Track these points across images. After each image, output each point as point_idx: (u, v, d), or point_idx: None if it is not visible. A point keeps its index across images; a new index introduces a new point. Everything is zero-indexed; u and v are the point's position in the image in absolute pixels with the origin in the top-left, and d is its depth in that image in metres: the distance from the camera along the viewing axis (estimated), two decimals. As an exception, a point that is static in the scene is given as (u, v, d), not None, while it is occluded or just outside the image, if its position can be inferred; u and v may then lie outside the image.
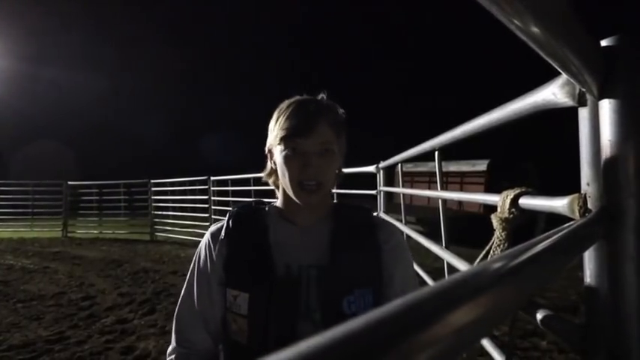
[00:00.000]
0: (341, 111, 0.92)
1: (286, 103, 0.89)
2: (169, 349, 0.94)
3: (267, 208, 0.95)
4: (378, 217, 0.98)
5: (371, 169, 3.55)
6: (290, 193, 0.87)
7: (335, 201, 0.99)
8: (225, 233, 0.91)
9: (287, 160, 0.85)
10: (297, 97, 0.89)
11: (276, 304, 0.83)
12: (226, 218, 0.94)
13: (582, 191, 0.52)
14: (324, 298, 0.84)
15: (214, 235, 0.93)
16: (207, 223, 8.11)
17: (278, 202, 0.95)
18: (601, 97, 0.46)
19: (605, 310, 0.47)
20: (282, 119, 0.85)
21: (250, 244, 0.89)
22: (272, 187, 0.99)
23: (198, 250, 0.95)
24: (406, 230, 2.42)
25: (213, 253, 0.91)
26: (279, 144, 0.86)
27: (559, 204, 0.54)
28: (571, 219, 0.52)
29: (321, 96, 0.90)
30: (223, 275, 0.89)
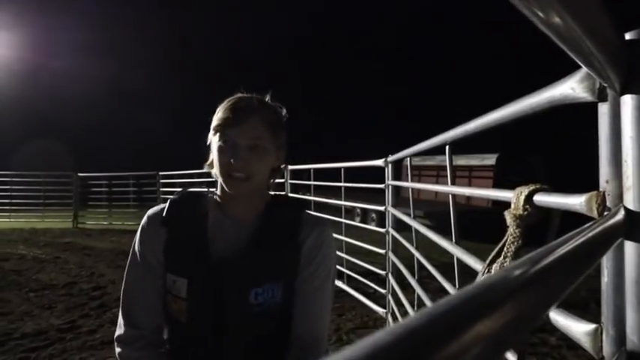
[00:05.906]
0: (283, 112, 0.98)
1: (227, 99, 0.94)
2: (117, 332, 0.93)
3: (207, 197, 0.99)
4: (310, 214, 1.00)
5: (379, 162, 3.52)
6: (221, 181, 0.92)
7: (274, 193, 1.03)
8: (166, 218, 0.94)
9: (219, 150, 0.90)
10: (238, 95, 0.94)
11: (212, 290, 0.89)
12: (167, 203, 0.97)
13: (601, 189, 0.51)
14: (234, 289, 0.89)
15: (153, 219, 0.96)
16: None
17: (217, 192, 0.98)
18: (623, 92, 0.44)
19: (625, 311, 0.45)
20: (219, 112, 0.92)
21: (189, 231, 0.93)
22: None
23: (138, 232, 0.97)
24: (415, 225, 2.41)
25: (152, 236, 0.94)
26: (214, 135, 0.92)
27: (576, 202, 0.53)
28: (587, 218, 0.51)
29: (267, 97, 0.96)
30: (162, 259, 0.93)
